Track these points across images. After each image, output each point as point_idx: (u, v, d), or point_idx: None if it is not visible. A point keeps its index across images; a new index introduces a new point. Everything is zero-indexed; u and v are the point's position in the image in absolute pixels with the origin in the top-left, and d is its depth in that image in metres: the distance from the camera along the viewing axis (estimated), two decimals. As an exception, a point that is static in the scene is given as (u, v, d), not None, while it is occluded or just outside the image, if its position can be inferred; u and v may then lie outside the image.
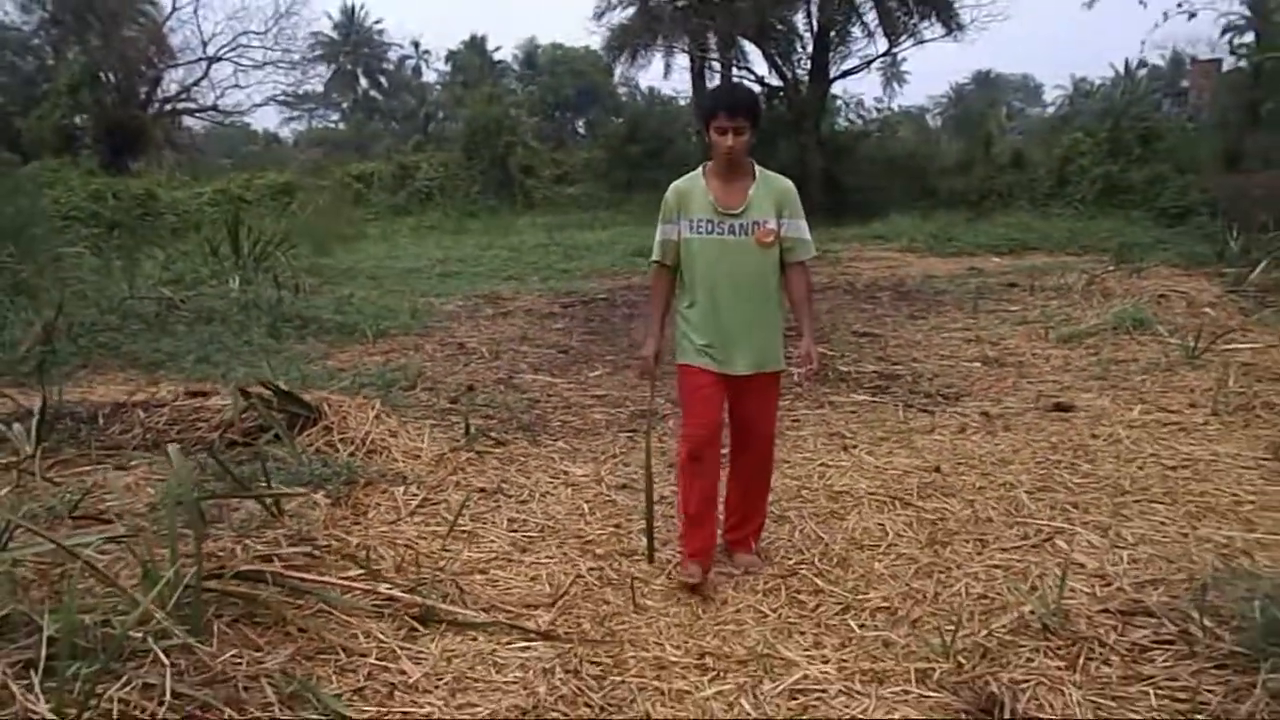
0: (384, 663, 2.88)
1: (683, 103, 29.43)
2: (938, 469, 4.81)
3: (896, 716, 2.69)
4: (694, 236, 3.55)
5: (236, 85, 34.47)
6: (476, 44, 61.64)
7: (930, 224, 17.65)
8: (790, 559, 3.82)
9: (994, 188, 21.64)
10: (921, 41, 23.26)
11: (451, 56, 62.09)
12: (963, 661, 2.92)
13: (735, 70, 24.59)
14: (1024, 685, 2.75)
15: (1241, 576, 3.04)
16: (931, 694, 2.79)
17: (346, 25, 61.03)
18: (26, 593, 2.72)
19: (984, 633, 3.08)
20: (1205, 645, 2.77)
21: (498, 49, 60.97)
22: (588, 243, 17.31)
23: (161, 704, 2.40)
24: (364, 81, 62.66)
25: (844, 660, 3.01)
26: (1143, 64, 45.36)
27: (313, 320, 9.12)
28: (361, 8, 61.18)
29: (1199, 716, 2.52)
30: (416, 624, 3.12)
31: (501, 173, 24.14)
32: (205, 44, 32.45)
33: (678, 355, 3.70)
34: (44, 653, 2.37)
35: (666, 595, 3.53)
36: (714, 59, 25.01)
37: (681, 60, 26.66)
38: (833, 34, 22.92)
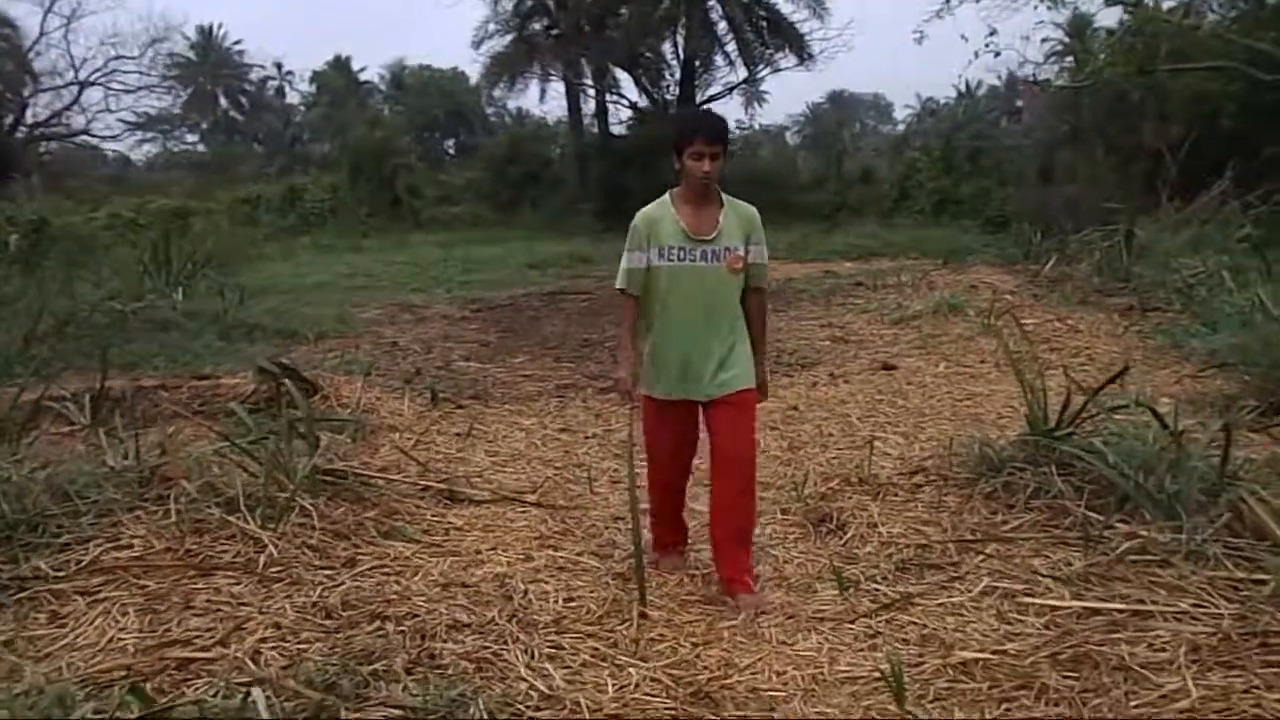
0: (435, 519, 4.35)
1: (557, 126, 31.13)
2: (795, 407, 6.52)
3: (769, 529, 4.32)
4: (665, 264, 3.53)
5: (107, 109, 34.24)
6: (341, 64, 61.71)
7: (789, 235, 19.68)
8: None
9: (845, 201, 23.99)
10: (777, 70, 25.58)
11: (316, 77, 62.05)
12: (809, 502, 4.59)
13: (609, 96, 26.39)
14: (845, 509, 4.42)
15: (974, 441, 4.78)
16: (791, 519, 4.44)
17: (204, 45, 60.23)
18: (209, 470, 4.09)
19: (822, 488, 4.75)
20: (951, 479, 4.50)
21: (363, 69, 61.15)
22: (482, 257, 18.70)
23: (312, 531, 3.82)
24: (224, 102, 61.90)
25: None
26: (980, 84, 49.11)
27: (255, 326, 10.30)
28: (220, 28, 60.41)
29: (943, 514, 4.22)
30: (448, 500, 4.59)
31: (389, 194, 25.23)
32: (76, 68, 32.40)
33: (644, 385, 3.70)
34: (242, 501, 3.78)
35: (612, 484, 5.09)
36: (588, 85, 26.73)
37: (557, 86, 28.33)
38: (698, 63, 24.96)
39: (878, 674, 2.94)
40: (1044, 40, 31.65)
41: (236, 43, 60.54)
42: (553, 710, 2.76)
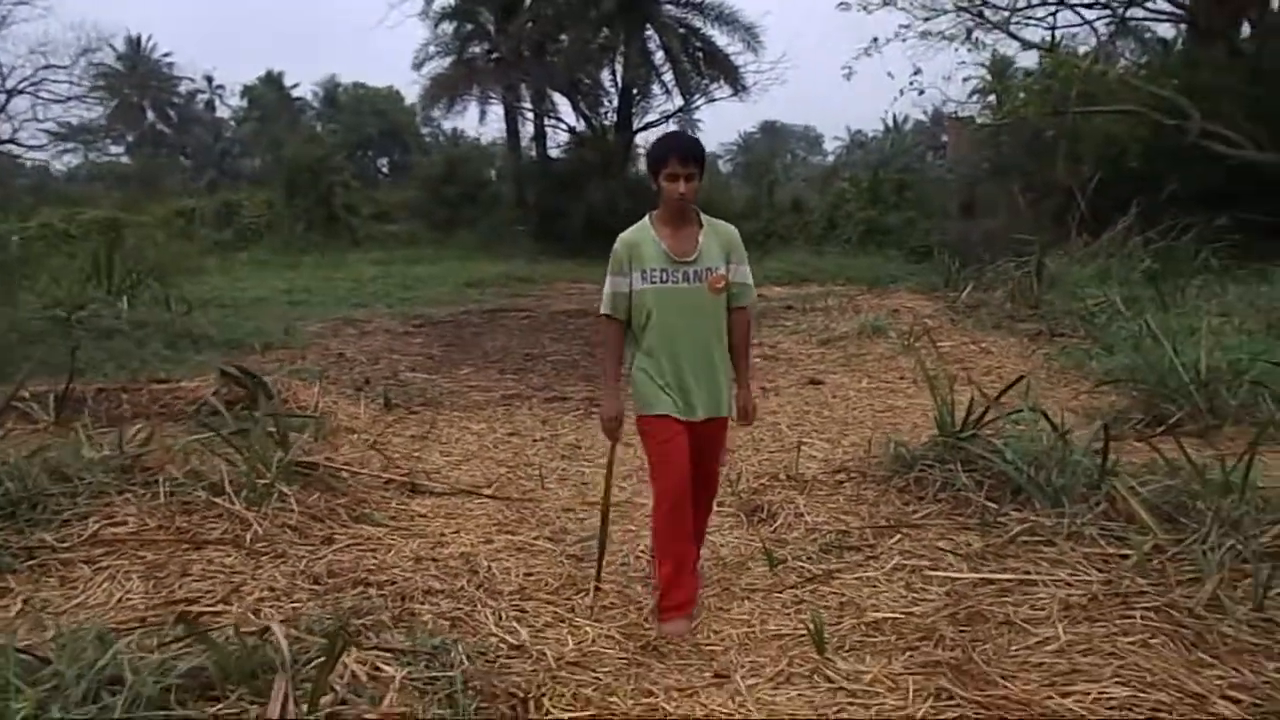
0: (400, 507, 4.71)
1: (492, 146, 31.55)
2: (730, 417, 6.98)
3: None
4: (648, 287, 3.53)
5: (34, 119, 33.63)
6: (273, 79, 61.27)
7: (723, 260, 20.25)
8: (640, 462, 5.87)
9: (776, 229, 24.72)
10: (712, 99, 26.32)
11: (247, 91, 61.48)
12: (742, 496, 5.05)
13: (547, 120, 26.86)
14: (775, 501, 4.89)
15: (890, 443, 5.30)
16: (726, 510, 4.89)
17: (133, 57, 59.28)
18: (190, 459, 4.40)
19: (754, 484, 5.22)
20: (869, 475, 5.01)
21: (295, 85, 60.73)
22: (420, 275, 18.95)
23: (291, 514, 4.17)
24: (151, 115, 60.91)
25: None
26: (907, 119, 50.72)
27: (201, 336, 10.49)
28: (149, 40, 59.48)
29: (861, 505, 4.71)
30: (411, 491, 4.96)
31: (325, 211, 25.29)
32: (4, 76, 31.83)
33: (640, 408, 3.67)
34: (226, 483, 4.11)
35: (561, 480, 5.49)
36: (527, 109, 27.17)
37: (496, 108, 28.67)
38: (635, 91, 25.57)
39: (802, 631, 3.39)
40: (965, 79, 33.00)
41: (166, 55, 59.59)
42: (521, 659, 3.16)
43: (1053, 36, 19.39)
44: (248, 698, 2.46)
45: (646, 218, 3.63)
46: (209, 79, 62.57)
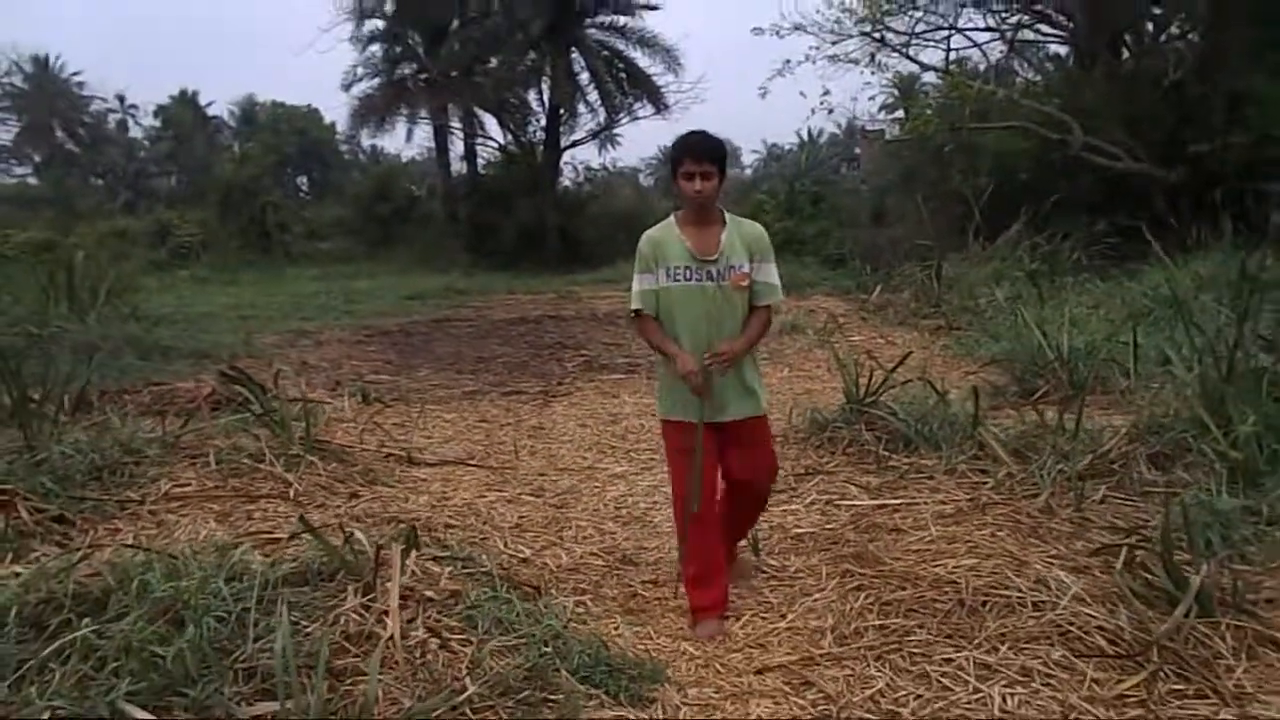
0: (403, 474, 5.61)
1: (412, 164, 32.28)
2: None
3: (659, 475, 5.75)
4: (673, 285, 3.54)
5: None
6: (188, 99, 60.77)
7: (650, 269, 21.30)
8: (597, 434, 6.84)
9: (699, 240, 25.86)
10: (636, 118, 27.48)
11: (161, 111, 60.84)
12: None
13: (477, 138, 27.71)
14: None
15: (808, 411, 6.35)
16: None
17: (40, 76, 58.24)
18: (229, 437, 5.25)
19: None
20: (791, 437, 6.05)
21: (210, 104, 60.29)
22: (361, 289, 19.64)
23: (319, 477, 5.05)
24: (60, 135, 59.84)
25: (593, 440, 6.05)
26: (822, 133, 52.50)
27: (170, 348, 11.14)
28: (57, 58, 58.48)
29: (786, 460, 5.75)
30: (409, 463, 5.86)
31: (259, 229, 25.76)
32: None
33: (661, 410, 3.73)
34: (266, 452, 4.98)
35: (532, 454, 6.43)
36: (457, 128, 28.00)
37: (424, 127, 29.43)
38: (562, 110, 26.59)
39: (742, 545, 4.40)
40: (871, 97, 34.67)
41: (75, 74, 58.50)
42: (528, 567, 4.12)
43: (946, 59, 20.89)
44: (346, 580, 3.37)
45: (672, 216, 3.67)
46: (121, 98, 61.64)
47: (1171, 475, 4.54)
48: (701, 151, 3.49)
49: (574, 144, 27.69)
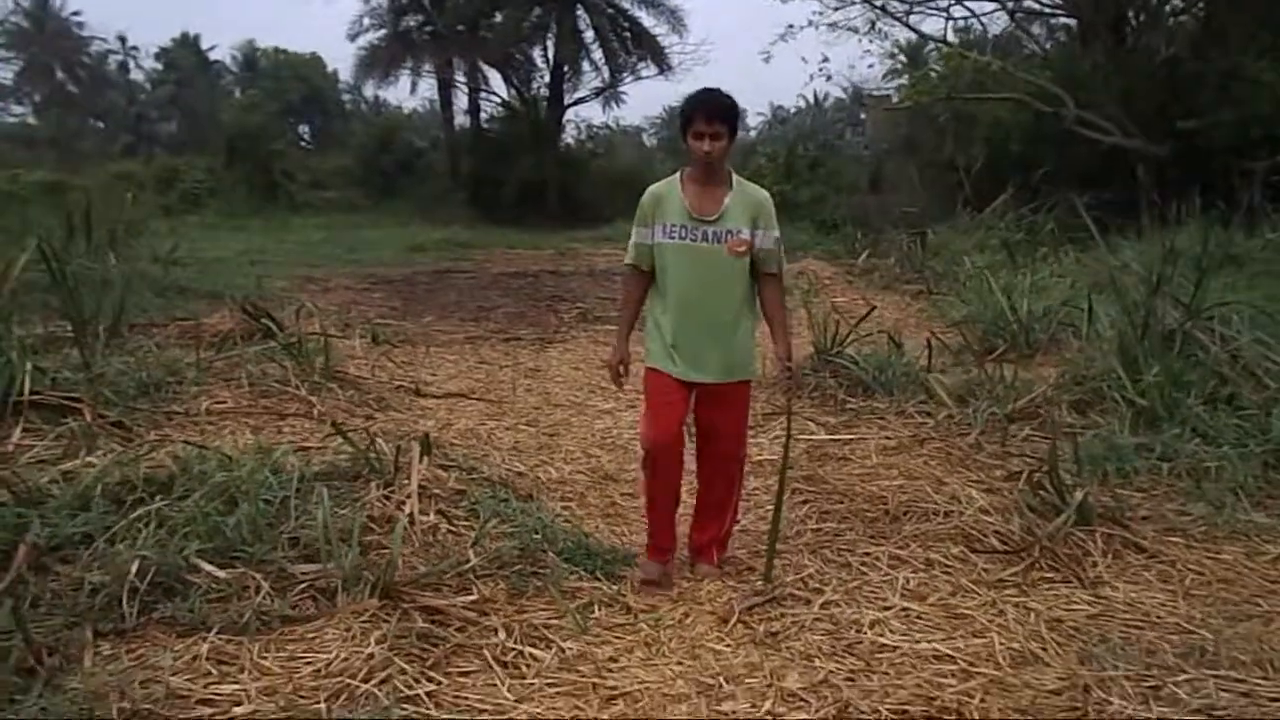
0: (411, 404, 6.25)
1: (413, 116, 32.60)
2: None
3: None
4: (667, 242, 3.52)
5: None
6: (190, 42, 60.60)
7: (649, 228, 21.85)
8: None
9: (698, 201, 26.36)
10: (640, 78, 27.85)
11: (163, 54, 60.74)
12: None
13: (482, 92, 28.10)
14: (692, 401, 6.53)
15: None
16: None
17: (39, 15, 58.03)
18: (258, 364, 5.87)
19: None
20: (763, 383, 6.68)
21: (212, 48, 60.09)
22: (366, 239, 20.20)
23: (339, 400, 5.68)
24: (60, 75, 59.73)
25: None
26: (828, 96, 52.67)
27: (185, 289, 11.73)
28: (58, -4, 58.08)
29: (757, 402, 6.37)
30: (415, 394, 6.50)
31: (265, 177, 26.23)
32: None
33: (646, 357, 3.70)
34: (292, 377, 5.60)
35: (528, 392, 7.06)
36: (461, 82, 28.35)
37: (428, 80, 29.78)
38: (566, 67, 26.96)
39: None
40: (870, 65, 34.91)
41: (75, 14, 58.07)
42: (522, 480, 4.77)
43: (946, 29, 21.28)
44: (369, 478, 4.01)
45: (679, 173, 3.61)
46: (122, 40, 61.24)
47: (1088, 419, 5.18)
48: (714, 111, 3.41)
49: (578, 101, 28.14)
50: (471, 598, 3.28)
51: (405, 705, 2.67)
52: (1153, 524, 4.04)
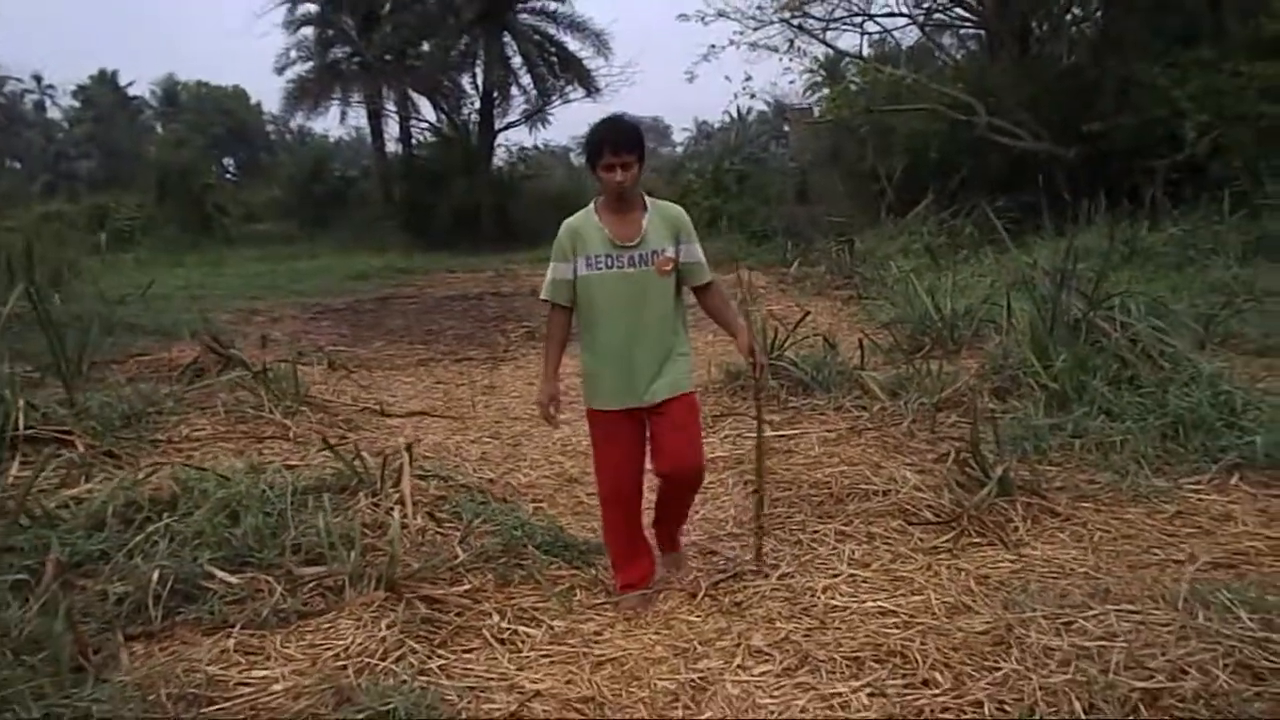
0: (378, 424, 6.55)
1: (339, 145, 32.61)
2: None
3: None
4: (593, 273, 3.50)
5: None
6: (108, 79, 59.82)
7: (585, 247, 22.23)
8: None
9: (631, 218, 26.86)
10: (568, 100, 28.33)
11: (80, 91, 59.84)
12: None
13: (412, 120, 28.31)
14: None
15: (724, 366, 7.41)
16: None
17: (-47, 55, 56.77)
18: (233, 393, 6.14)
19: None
20: (709, 388, 7.12)
21: (130, 84, 59.36)
22: (303, 269, 20.30)
23: (310, 422, 5.97)
24: (-26, 115, 58.45)
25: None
26: (751, 111, 53.57)
27: (134, 325, 11.82)
28: (-30, 37, 56.94)
29: (705, 404, 6.79)
30: (381, 415, 6.80)
31: (198, 212, 26.11)
32: None
33: (585, 399, 3.71)
34: (266, 403, 5.89)
35: (486, 408, 7.40)
36: (391, 111, 28.54)
37: (358, 109, 29.86)
38: (495, 93, 27.32)
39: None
40: (791, 82, 35.79)
41: (-12, 54, 56.92)
42: (495, 486, 5.12)
43: (861, 44, 22.06)
44: (357, 489, 4.34)
45: (591, 204, 3.61)
46: (37, 78, 60.39)
47: (1007, 404, 5.70)
48: (621, 142, 3.42)
49: (508, 126, 28.48)
50: (465, 588, 3.64)
51: (421, 677, 3.02)
52: (1066, 492, 4.54)
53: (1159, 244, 12.67)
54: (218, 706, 2.83)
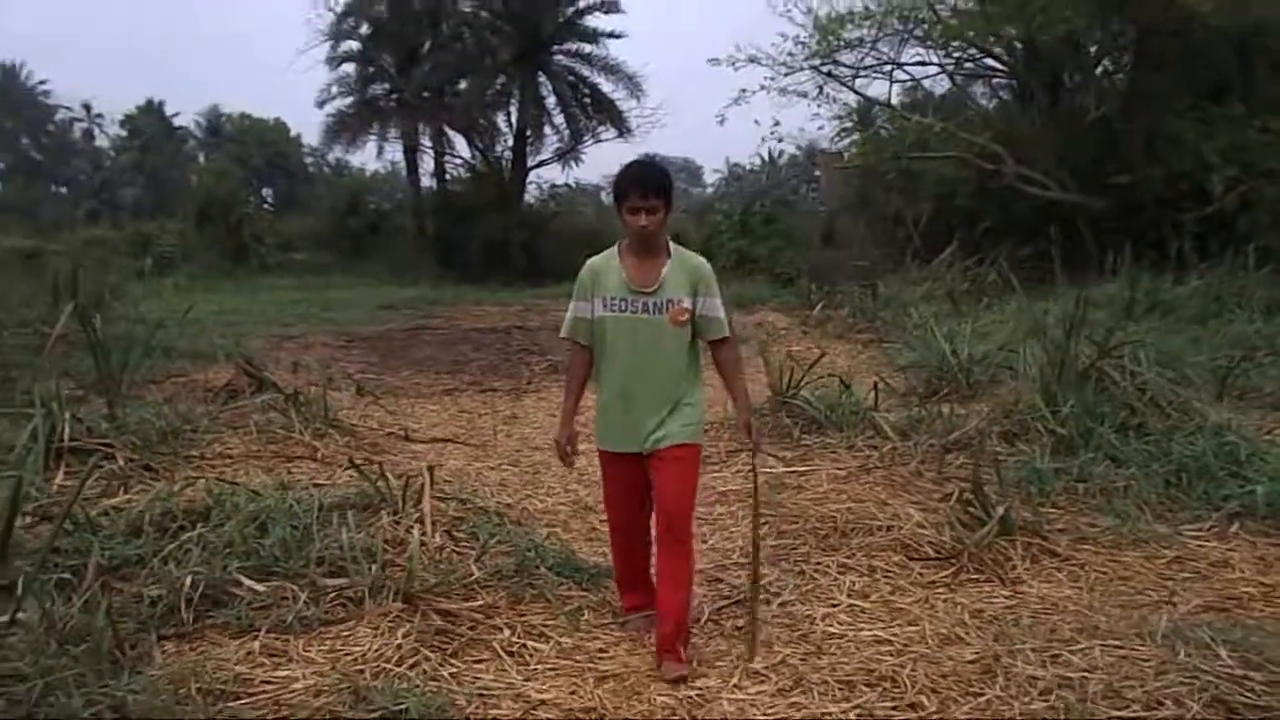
0: (403, 449, 6.76)
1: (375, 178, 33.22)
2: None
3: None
4: (608, 315, 3.50)
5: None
6: (154, 109, 61.20)
7: (612, 285, 22.56)
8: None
9: (659, 257, 27.17)
10: (600, 140, 28.79)
11: (128, 121, 61.21)
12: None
13: (448, 157, 28.88)
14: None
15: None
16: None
17: (5, 83, 58.48)
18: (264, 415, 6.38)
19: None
20: (724, 425, 7.28)
21: (176, 114, 60.67)
22: (337, 299, 20.69)
23: (337, 444, 6.19)
24: (25, 142, 60.02)
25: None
26: (782, 154, 54.02)
27: (170, 348, 12.15)
28: (23, 66, 58.70)
29: (720, 441, 6.95)
30: (405, 440, 7.02)
31: (235, 241, 26.69)
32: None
33: (597, 438, 3.73)
34: (296, 425, 6.12)
35: (508, 436, 7.60)
36: (427, 147, 29.11)
37: (395, 144, 30.46)
38: (528, 132, 27.83)
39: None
40: (820, 128, 36.24)
41: (42, 82, 58.70)
42: (512, 510, 5.30)
43: (889, 93, 22.34)
44: (380, 507, 4.54)
45: (616, 245, 3.61)
46: (87, 107, 61.73)
47: (1015, 447, 5.82)
48: (648, 186, 3.41)
49: (540, 164, 28.96)
50: (478, 603, 3.82)
51: (433, 683, 3.19)
52: (1067, 534, 4.66)
53: (1183, 296, 12.73)
54: (243, 701, 3.02)
